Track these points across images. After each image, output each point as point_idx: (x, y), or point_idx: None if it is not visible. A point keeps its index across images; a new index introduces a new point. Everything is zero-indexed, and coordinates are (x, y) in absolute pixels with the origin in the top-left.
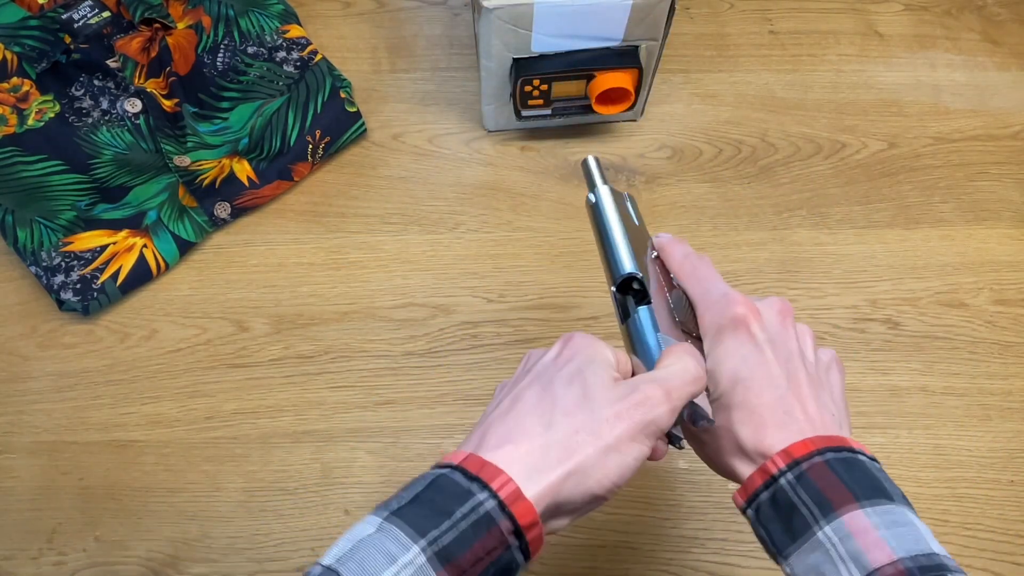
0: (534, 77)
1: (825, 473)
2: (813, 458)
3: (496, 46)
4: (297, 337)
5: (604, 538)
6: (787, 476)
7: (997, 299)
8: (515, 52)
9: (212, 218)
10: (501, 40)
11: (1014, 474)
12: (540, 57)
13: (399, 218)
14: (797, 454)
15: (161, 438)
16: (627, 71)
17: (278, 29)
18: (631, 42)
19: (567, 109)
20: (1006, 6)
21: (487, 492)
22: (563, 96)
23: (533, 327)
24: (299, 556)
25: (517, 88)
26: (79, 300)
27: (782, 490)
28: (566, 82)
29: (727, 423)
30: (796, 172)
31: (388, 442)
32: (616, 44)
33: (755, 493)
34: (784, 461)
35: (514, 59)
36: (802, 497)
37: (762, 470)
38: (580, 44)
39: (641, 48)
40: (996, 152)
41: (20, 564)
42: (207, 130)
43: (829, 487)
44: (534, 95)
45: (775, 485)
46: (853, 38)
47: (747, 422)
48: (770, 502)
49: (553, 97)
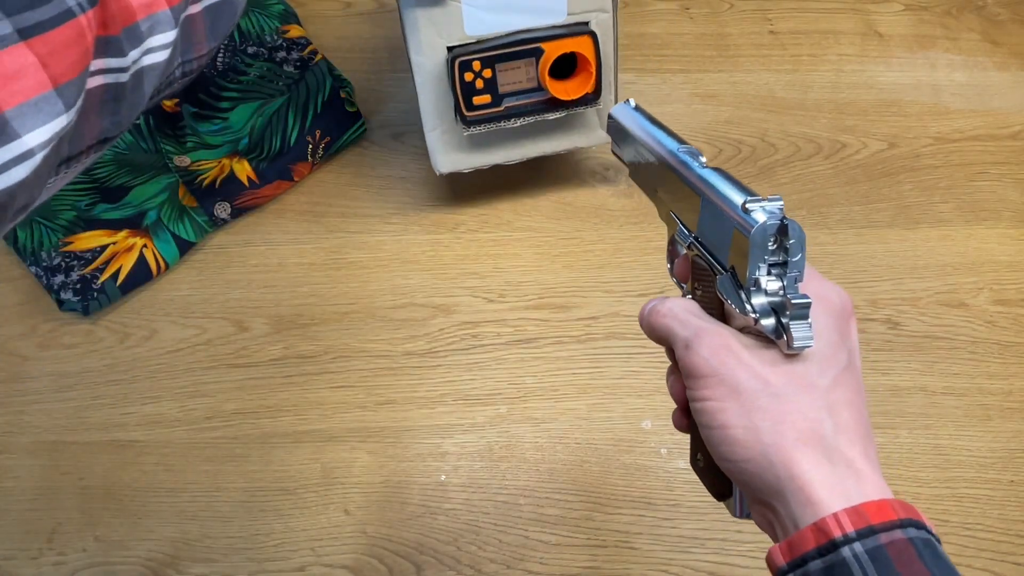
0: (473, 59)
1: (910, 557)
2: (894, 531)
3: (425, 32)
4: (297, 337)
5: (604, 538)
6: (855, 547)
7: (997, 299)
8: (448, 38)
9: (212, 218)
10: (429, 21)
11: (1014, 474)
12: (478, 43)
13: (399, 218)
14: (874, 519)
15: (161, 438)
16: (578, 37)
17: (278, 29)
18: (578, 15)
19: (523, 108)
20: (1006, 6)
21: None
22: (513, 89)
23: (533, 327)
24: (299, 556)
25: (457, 80)
26: (79, 300)
27: (844, 565)
28: (512, 63)
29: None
30: (796, 172)
31: (388, 442)
32: (561, 21)
33: (804, 557)
34: (853, 524)
35: (448, 48)
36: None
37: (818, 528)
38: (520, 22)
39: (592, 22)
40: (996, 152)
41: (20, 564)
42: (207, 130)
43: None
44: (478, 87)
45: (834, 555)
46: (853, 38)
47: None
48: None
49: (502, 90)
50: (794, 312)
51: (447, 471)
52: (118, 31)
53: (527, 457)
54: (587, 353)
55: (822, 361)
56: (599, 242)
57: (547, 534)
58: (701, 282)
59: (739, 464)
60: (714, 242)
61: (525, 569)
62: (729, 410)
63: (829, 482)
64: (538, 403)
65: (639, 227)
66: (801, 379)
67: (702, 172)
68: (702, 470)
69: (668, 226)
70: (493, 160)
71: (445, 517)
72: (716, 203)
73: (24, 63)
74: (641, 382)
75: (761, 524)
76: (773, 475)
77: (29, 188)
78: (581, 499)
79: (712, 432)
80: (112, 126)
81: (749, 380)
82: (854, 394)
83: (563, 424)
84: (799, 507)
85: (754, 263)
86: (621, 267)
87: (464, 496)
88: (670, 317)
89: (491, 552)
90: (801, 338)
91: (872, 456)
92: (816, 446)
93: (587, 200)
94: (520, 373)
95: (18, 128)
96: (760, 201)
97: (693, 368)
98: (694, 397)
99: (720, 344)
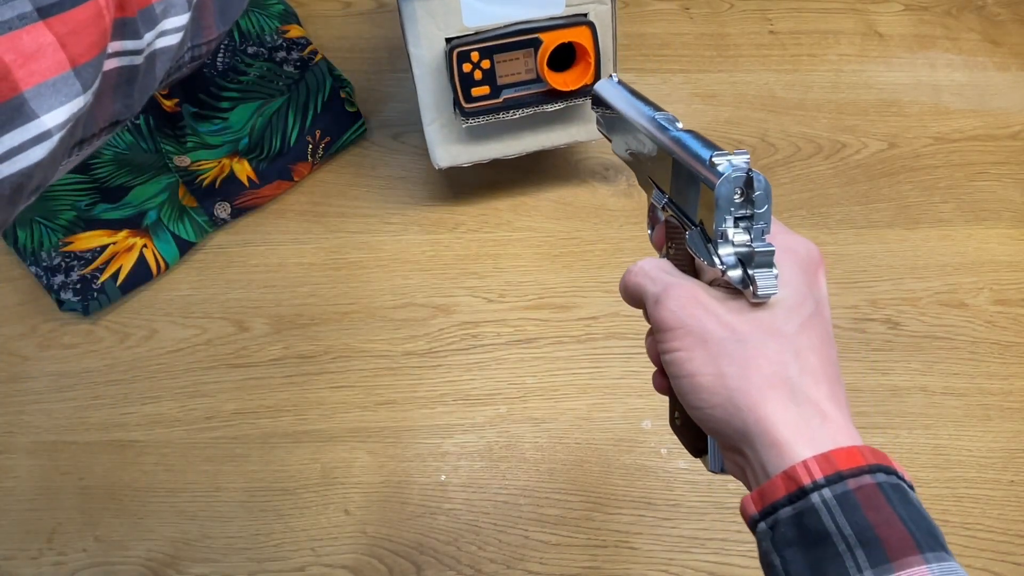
0: (471, 50)
1: (878, 501)
2: (862, 476)
3: (423, 24)
4: (297, 337)
5: (604, 538)
6: (824, 492)
7: (997, 299)
8: (446, 30)
9: (212, 218)
10: (427, 13)
11: (1014, 474)
12: (476, 34)
13: (399, 218)
14: (842, 465)
15: (161, 438)
16: (577, 28)
17: (278, 29)
18: (576, 6)
19: (522, 100)
20: (1006, 6)
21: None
22: (512, 80)
23: (533, 327)
24: (299, 556)
25: (455, 71)
26: (79, 300)
27: (813, 511)
28: (510, 54)
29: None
30: (796, 172)
31: (388, 442)
32: (560, 12)
33: (774, 505)
34: (822, 470)
35: (447, 39)
36: (841, 527)
37: (787, 476)
38: (518, 13)
39: (590, 14)
40: (996, 152)
41: (20, 564)
42: (207, 130)
43: (883, 523)
44: (476, 78)
45: (804, 501)
46: (853, 38)
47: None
48: (793, 522)
49: (500, 82)
50: (758, 260)
51: (447, 471)
52: (134, 12)
53: (527, 457)
54: (587, 353)
55: (789, 309)
56: (599, 242)
57: (547, 534)
58: (674, 240)
59: (708, 411)
60: (685, 200)
61: (525, 569)
62: (697, 359)
63: (794, 423)
64: (538, 403)
65: (639, 227)
66: (767, 326)
67: (676, 134)
68: (679, 428)
69: (646, 192)
70: (492, 154)
71: (445, 517)
72: (685, 160)
73: (43, 42)
74: (641, 382)
75: (733, 471)
76: (740, 419)
77: (45, 169)
78: (581, 499)
79: (681, 381)
80: (124, 109)
81: (716, 329)
82: (820, 341)
83: (563, 424)
84: (765, 449)
85: (720, 216)
86: (621, 267)
87: (464, 496)
88: (641, 275)
89: (491, 552)
90: (766, 286)
91: (840, 399)
92: (781, 389)
93: (587, 200)
94: (520, 373)
95: (36, 108)
96: (726, 155)
97: (662, 322)
98: (664, 350)
99: (688, 296)
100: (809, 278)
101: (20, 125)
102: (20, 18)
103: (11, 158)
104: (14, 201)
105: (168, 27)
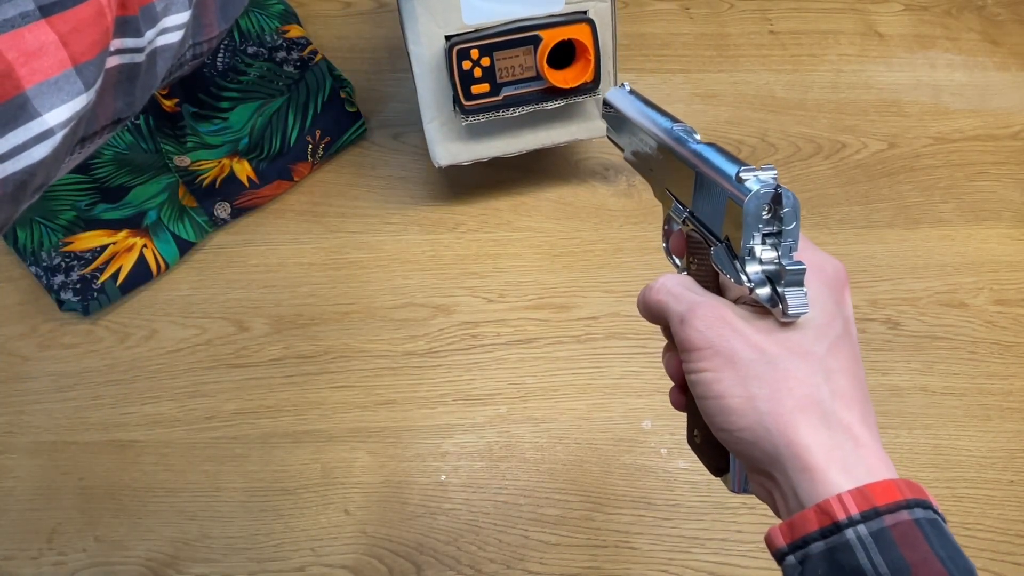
0: (471, 47)
1: (915, 539)
2: (899, 512)
3: (423, 21)
4: (297, 337)
5: (604, 538)
6: (859, 528)
7: (997, 299)
8: (445, 28)
9: (212, 218)
10: (427, 11)
11: (1014, 474)
12: (475, 32)
13: (399, 218)
14: (879, 500)
15: (161, 438)
16: (576, 25)
17: (278, 29)
18: (575, 3)
19: (521, 97)
20: (1006, 6)
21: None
22: (511, 77)
23: (533, 327)
24: (299, 556)
25: (455, 68)
26: (79, 300)
27: (847, 547)
28: (510, 51)
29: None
30: (796, 172)
31: (388, 442)
32: (559, 9)
33: (805, 539)
34: (858, 505)
35: (446, 36)
36: (877, 564)
37: (821, 510)
38: (518, 11)
39: (590, 11)
40: (996, 152)
41: (20, 564)
42: (207, 130)
43: (921, 562)
44: (476, 76)
45: (837, 536)
46: (853, 38)
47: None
48: (825, 557)
49: (500, 79)
50: (788, 279)
51: (447, 471)
52: (136, 10)
53: (527, 457)
54: (587, 353)
55: (817, 329)
56: (599, 242)
57: (547, 534)
58: (696, 256)
59: (736, 433)
60: (709, 214)
61: (525, 569)
62: (725, 380)
63: (826, 448)
64: (538, 403)
65: (639, 227)
66: (797, 347)
67: (697, 147)
68: (699, 446)
69: (663, 204)
70: (492, 152)
71: (445, 517)
72: (710, 175)
73: (45, 41)
74: (641, 382)
75: (760, 494)
76: (770, 443)
77: (47, 167)
78: (581, 499)
79: (709, 403)
80: (126, 107)
81: (745, 349)
82: (850, 362)
83: (563, 424)
84: (796, 473)
85: (748, 232)
86: (621, 267)
87: (464, 496)
88: (664, 293)
89: (491, 552)
90: (796, 305)
91: (871, 423)
92: (813, 412)
93: (587, 200)
94: (520, 373)
95: (39, 107)
96: (754, 171)
97: (689, 341)
98: (690, 370)
99: (715, 316)
100: (837, 296)
101: (23, 123)
102: (22, 16)
103: (14, 156)
104: (17, 199)
105: (169, 25)
